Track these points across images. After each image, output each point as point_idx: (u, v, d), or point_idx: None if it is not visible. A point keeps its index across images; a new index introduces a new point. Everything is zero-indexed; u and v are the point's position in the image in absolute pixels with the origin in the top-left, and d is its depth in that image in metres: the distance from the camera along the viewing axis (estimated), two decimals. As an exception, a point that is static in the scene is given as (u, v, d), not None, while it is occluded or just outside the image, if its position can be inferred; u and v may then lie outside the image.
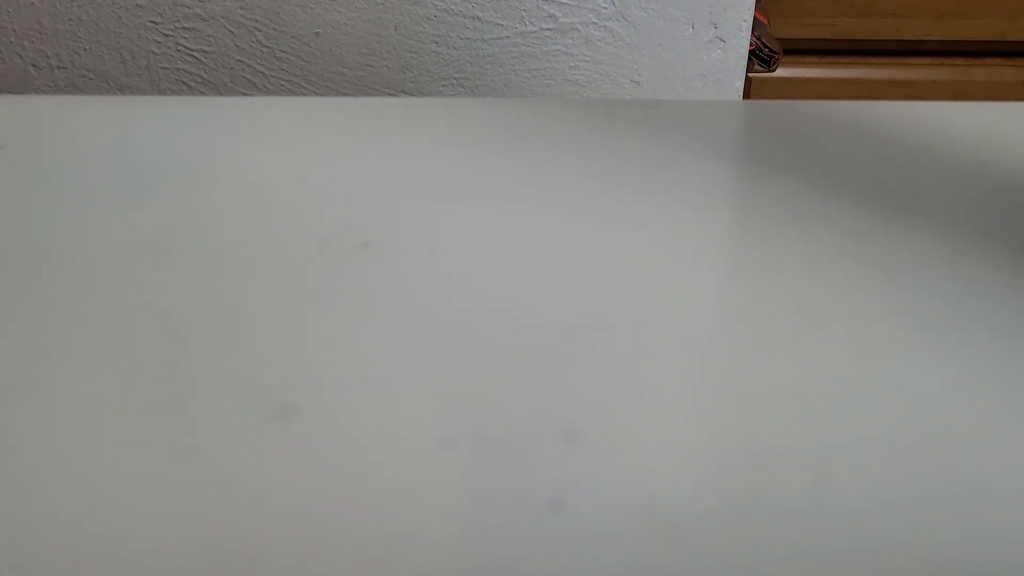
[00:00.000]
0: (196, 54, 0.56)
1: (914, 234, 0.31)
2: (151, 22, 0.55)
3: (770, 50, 0.68)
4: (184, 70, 0.56)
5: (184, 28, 0.55)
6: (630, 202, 0.33)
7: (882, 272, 0.29)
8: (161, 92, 0.57)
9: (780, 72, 0.86)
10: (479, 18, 0.55)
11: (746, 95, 0.66)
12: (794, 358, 0.25)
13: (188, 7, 0.54)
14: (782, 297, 0.28)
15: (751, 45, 0.59)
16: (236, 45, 0.55)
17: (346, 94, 0.57)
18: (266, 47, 0.56)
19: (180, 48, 0.55)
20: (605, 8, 0.55)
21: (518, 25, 0.55)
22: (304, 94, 0.57)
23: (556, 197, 0.33)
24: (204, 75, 0.56)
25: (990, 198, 0.34)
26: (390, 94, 0.57)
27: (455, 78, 0.57)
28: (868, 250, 0.30)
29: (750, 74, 0.79)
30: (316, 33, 0.55)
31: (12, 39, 0.55)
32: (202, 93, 0.57)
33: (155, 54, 0.56)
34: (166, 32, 0.55)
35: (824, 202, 0.33)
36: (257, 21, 0.55)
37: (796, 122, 0.40)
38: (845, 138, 0.38)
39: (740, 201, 0.33)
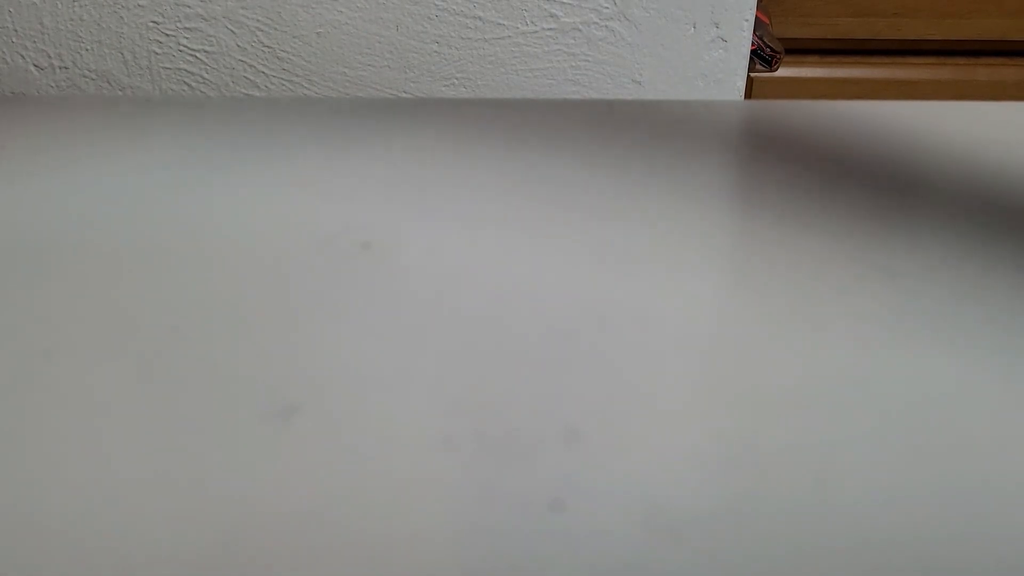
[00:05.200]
0: (197, 54, 0.56)
1: (915, 234, 0.31)
2: (152, 22, 0.55)
3: (772, 50, 0.68)
4: (185, 70, 0.56)
5: (186, 28, 0.55)
6: (631, 202, 0.33)
7: (883, 272, 0.29)
8: (163, 92, 0.57)
9: (781, 72, 0.86)
10: (480, 18, 0.55)
11: (747, 95, 0.66)
12: (794, 358, 0.25)
13: (189, 7, 0.54)
14: (783, 297, 0.28)
15: (753, 45, 0.59)
16: (238, 45, 0.55)
17: (347, 94, 0.57)
18: (267, 47, 0.56)
19: (182, 48, 0.55)
20: (606, 8, 0.55)
21: (520, 25, 0.55)
22: (305, 94, 0.57)
23: (557, 197, 0.33)
24: (205, 75, 0.56)
25: (991, 198, 0.34)
26: (391, 94, 0.57)
27: (456, 78, 0.57)
28: (869, 250, 0.30)
29: (752, 74, 0.79)
30: (317, 33, 0.55)
31: (14, 39, 0.55)
32: (203, 93, 0.57)
33: (157, 54, 0.56)
34: (168, 32, 0.55)
35: (825, 201, 0.33)
36: (259, 21, 0.55)
37: (797, 122, 0.40)
38: (846, 138, 0.38)
39: (741, 200, 0.33)
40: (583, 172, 0.35)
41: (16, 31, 0.55)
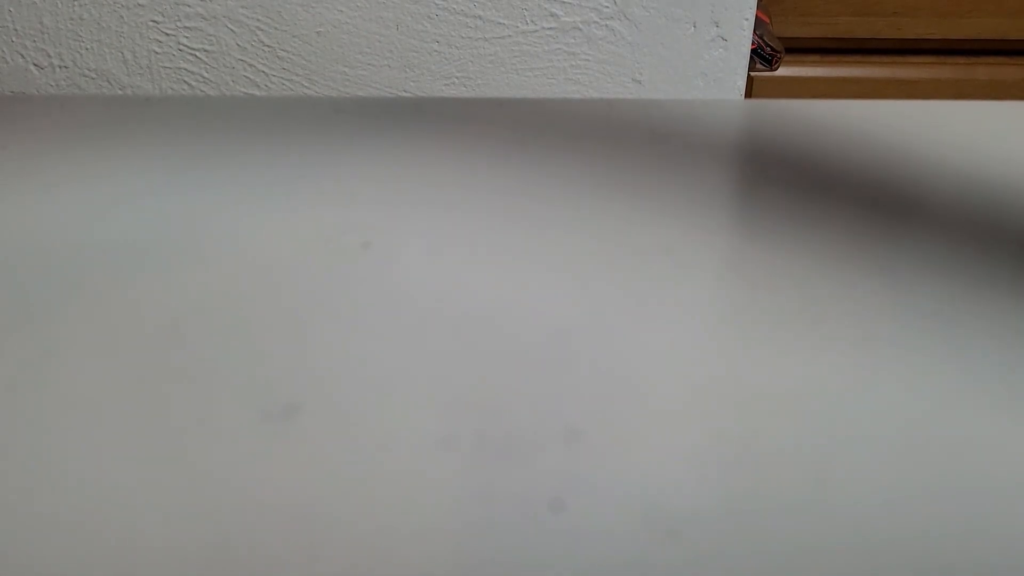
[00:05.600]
0: (198, 53, 0.56)
1: (915, 233, 0.31)
2: (153, 21, 0.55)
3: (772, 49, 0.68)
4: (186, 69, 0.56)
5: (186, 27, 0.55)
6: (631, 201, 0.33)
7: (883, 272, 0.29)
8: (163, 91, 0.57)
9: (781, 71, 0.86)
10: (481, 17, 0.55)
11: (747, 94, 0.66)
12: (794, 358, 0.25)
13: (190, 6, 0.54)
14: (782, 297, 0.28)
15: (753, 44, 0.59)
16: (238, 44, 0.55)
17: (347, 93, 0.57)
18: (267, 46, 0.56)
19: (182, 47, 0.55)
20: (607, 7, 0.55)
21: (520, 24, 0.55)
22: (305, 93, 0.57)
23: (557, 196, 0.33)
24: (206, 74, 0.56)
25: (990, 197, 0.34)
26: (391, 93, 0.57)
27: (456, 77, 0.57)
28: (869, 249, 0.30)
29: (752, 73, 0.79)
30: (317, 32, 0.55)
31: (14, 39, 0.55)
32: (203, 92, 0.57)
33: (157, 53, 0.56)
34: (168, 31, 0.55)
35: (825, 201, 0.33)
36: (259, 20, 0.55)
37: (797, 121, 0.40)
38: (846, 137, 0.38)
39: (741, 200, 0.33)
40: (583, 171, 0.35)
41: (16, 30, 0.55)
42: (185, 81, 0.57)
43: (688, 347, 0.26)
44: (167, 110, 0.40)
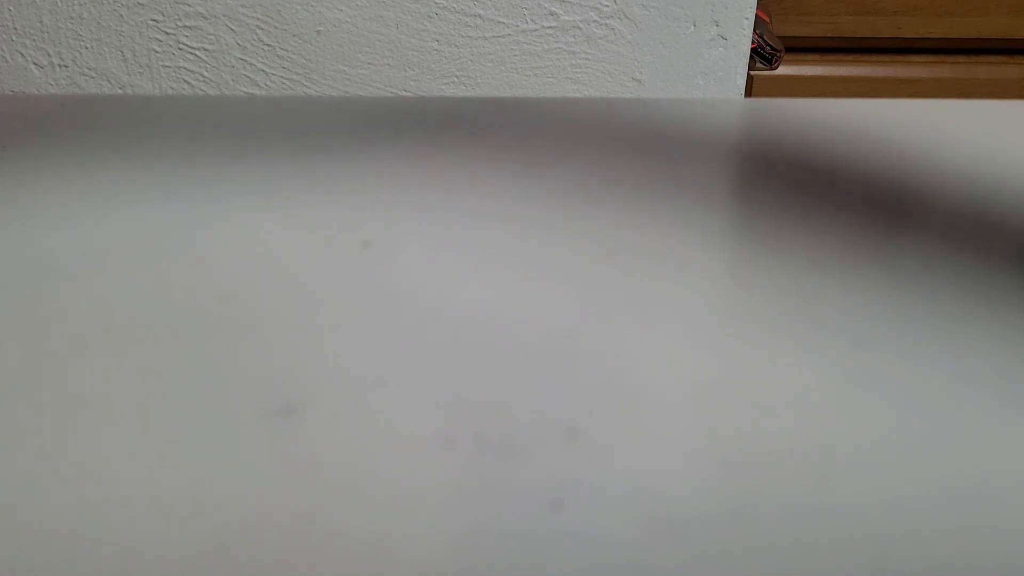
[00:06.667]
0: (197, 52, 0.56)
1: (915, 233, 0.31)
2: (152, 20, 0.55)
3: (772, 48, 0.68)
4: (185, 68, 0.56)
5: (185, 26, 0.55)
6: (631, 200, 0.33)
7: (883, 271, 0.29)
8: (162, 90, 0.57)
9: (782, 70, 0.86)
10: (481, 16, 0.55)
11: (748, 93, 0.66)
12: (794, 358, 0.25)
13: (189, 5, 0.54)
14: (782, 296, 0.28)
15: (753, 43, 0.59)
16: (237, 43, 0.55)
17: (347, 92, 0.57)
18: (267, 45, 0.56)
19: (181, 46, 0.55)
20: (607, 6, 0.55)
21: (520, 23, 0.55)
22: (305, 92, 0.57)
23: (557, 195, 0.33)
24: (205, 73, 0.56)
25: (991, 197, 0.34)
26: (391, 92, 0.57)
27: (456, 76, 0.57)
28: (869, 249, 0.30)
29: (752, 72, 0.79)
30: (317, 31, 0.55)
31: (14, 38, 0.55)
32: (203, 91, 0.57)
33: (156, 52, 0.56)
34: (167, 30, 0.55)
35: (825, 200, 0.33)
36: (258, 19, 0.55)
37: (797, 120, 0.40)
38: (846, 136, 0.38)
39: (740, 199, 0.33)
40: (582, 170, 0.35)
41: (16, 29, 0.55)
42: (185, 80, 0.57)
43: (688, 346, 0.26)
44: (167, 109, 0.40)
